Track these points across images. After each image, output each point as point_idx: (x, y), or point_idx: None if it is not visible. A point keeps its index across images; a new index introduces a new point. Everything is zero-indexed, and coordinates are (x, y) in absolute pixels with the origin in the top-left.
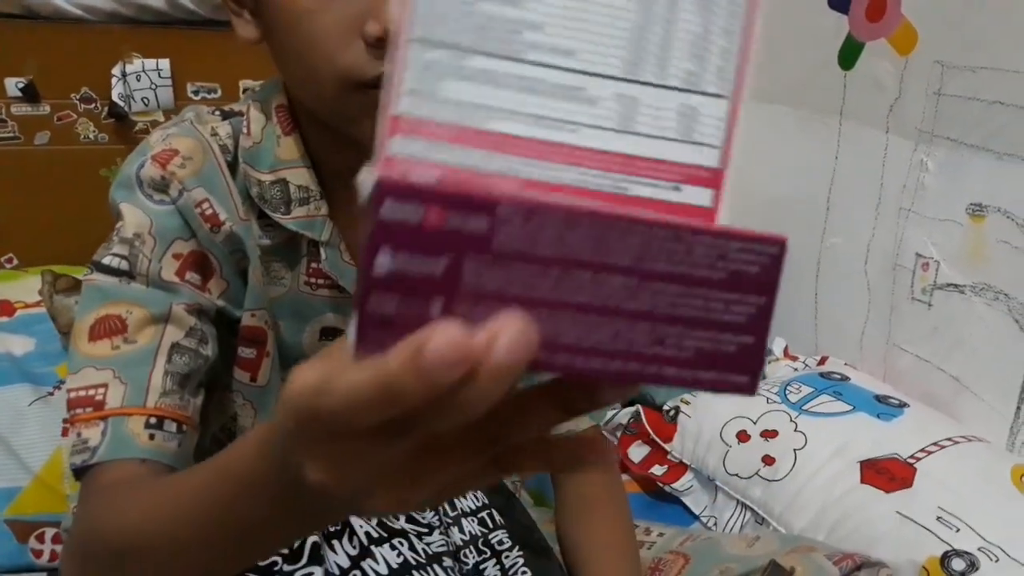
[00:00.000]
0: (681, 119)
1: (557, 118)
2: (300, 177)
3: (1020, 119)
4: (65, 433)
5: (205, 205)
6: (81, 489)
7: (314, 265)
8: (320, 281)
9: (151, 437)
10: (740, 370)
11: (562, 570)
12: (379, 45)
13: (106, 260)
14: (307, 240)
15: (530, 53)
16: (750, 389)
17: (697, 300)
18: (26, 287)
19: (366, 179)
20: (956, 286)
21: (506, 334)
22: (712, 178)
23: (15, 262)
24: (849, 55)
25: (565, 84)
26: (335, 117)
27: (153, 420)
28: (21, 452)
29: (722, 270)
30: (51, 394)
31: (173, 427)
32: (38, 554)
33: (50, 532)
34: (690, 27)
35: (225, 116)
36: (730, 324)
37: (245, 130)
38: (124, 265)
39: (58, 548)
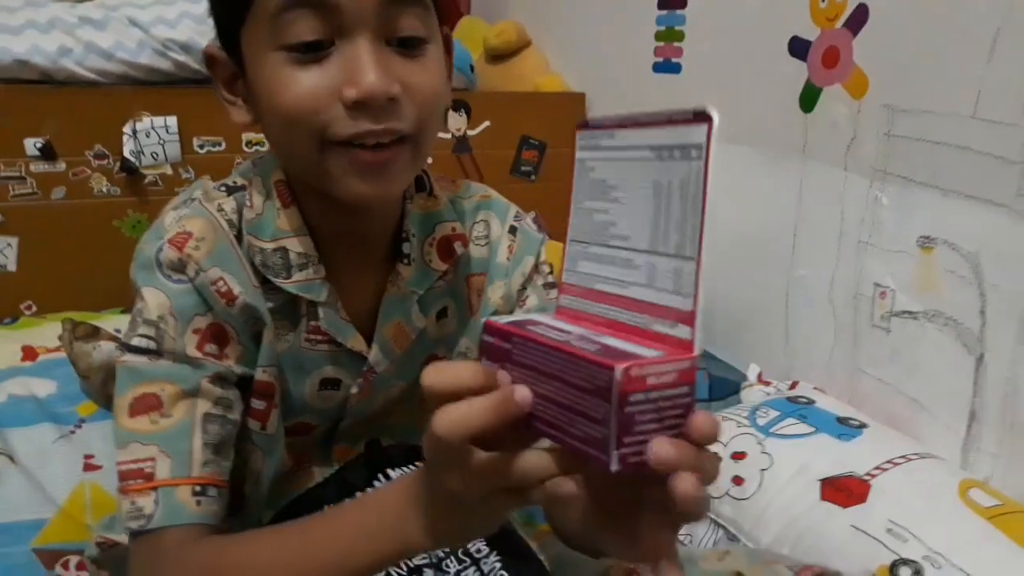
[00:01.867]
0: (674, 276)
1: (618, 279)
2: (299, 244)
3: (961, 158)
4: (87, 469)
5: (220, 283)
6: (136, 549)
7: (313, 323)
8: (319, 337)
9: (198, 503)
10: (601, 450)
11: (543, 570)
12: (355, 107)
13: (135, 341)
14: (306, 301)
15: (611, 240)
16: (607, 466)
17: (583, 401)
18: (46, 333)
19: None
20: (911, 313)
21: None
22: (689, 317)
23: (34, 309)
24: (809, 99)
25: (623, 257)
26: (321, 178)
27: (198, 488)
28: (46, 486)
29: (589, 383)
30: (72, 432)
31: (214, 492)
32: None
33: (74, 560)
34: (677, 212)
35: (230, 191)
36: (595, 418)
37: (248, 203)
38: (152, 345)
39: (82, 574)
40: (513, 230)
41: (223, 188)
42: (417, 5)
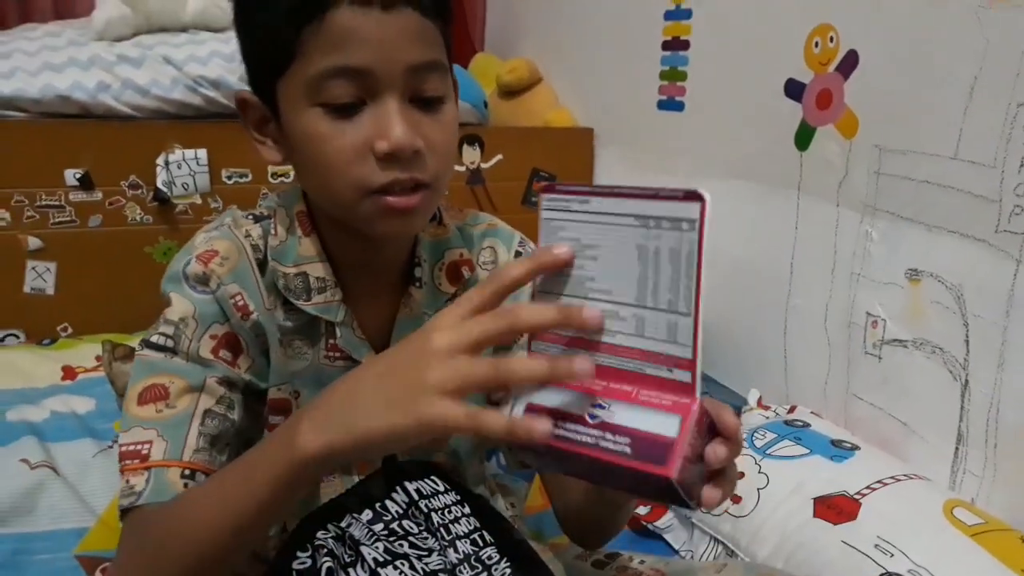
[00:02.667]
0: (668, 329)
1: (605, 329)
2: (318, 270)
3: (944, 196)
4: None
5: (238, 298)
6: (124, 527)
7: (331, 342)
8: (337, 355)
9: (185, 486)
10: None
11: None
12: (387, 159)
13: (154, 339)
14: (325, 322)
15: (590, 292)
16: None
17: (642, 485)
18: (84, 354)
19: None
20: (900, 341)
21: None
22: (690, 364)
23: (70, 331)
24: (803, 138)
25: (607, 309)
26: (352, 219)
27: (188, 472)
28: (87, 497)
29: (646, 483)
30: (110, 447)
31: (203, 479)
32: None
33: None
34: (668, 274)
35: (257, 220)
36: (655, 489)
37: (273, 231)
38: (169, 343)
39: None
40: (518, 255)
41: (251, 217)
42: (437, 70)
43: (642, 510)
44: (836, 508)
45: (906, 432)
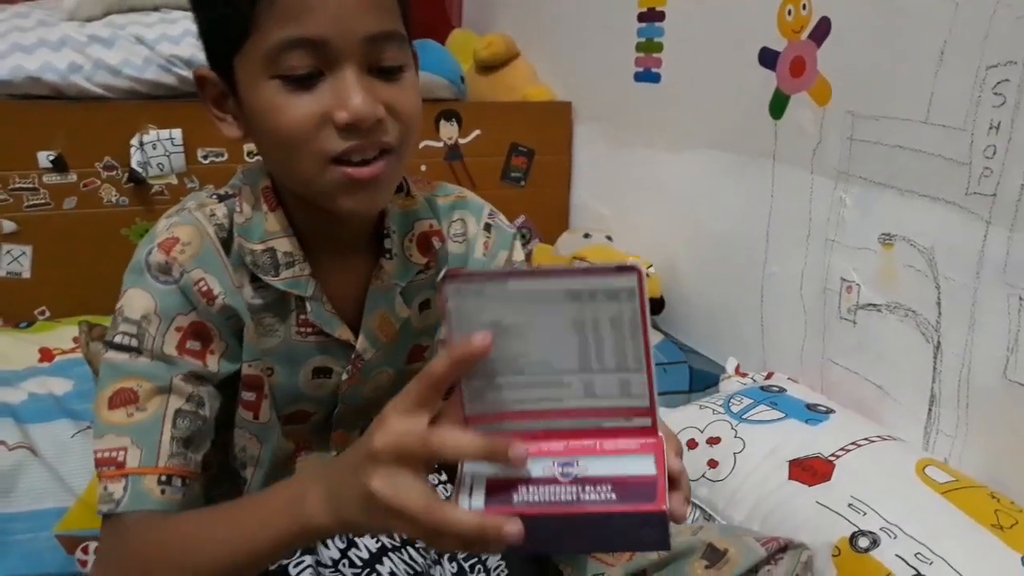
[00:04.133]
0: (620, 386)
1: (546, 397)
2: (285, 245)
3: (915, 160)
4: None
5: (202, 283)
6: (105, 530)
7: (302, 317)
8: (308, 330)
9: (163, 492)
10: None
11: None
12: (347, 129)
13: (117, 339)
14: (294, 296)
15: (527, 368)
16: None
17: (629, 532)
18: (61, 336)
19: None
20: (874, 305)
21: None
22: (648, 411)
23: (47, 314)
24: (778, 106)
25: (548, 380)
26: (314, 193)
27: (164, 478)
28: (66, 477)
29: (639, 525)
30: (89, 428)
31: (179, 483)
32: (83, 563)
33: (93, 545)
34: (611, 340)
35: (221, 199)
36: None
37: (238, 209)
38: (133, 343)
39: None
40: (488, 227)
41: (215, 196)
42: (394, 40)
43: None
44: (811, 470)
45: (880, 395)
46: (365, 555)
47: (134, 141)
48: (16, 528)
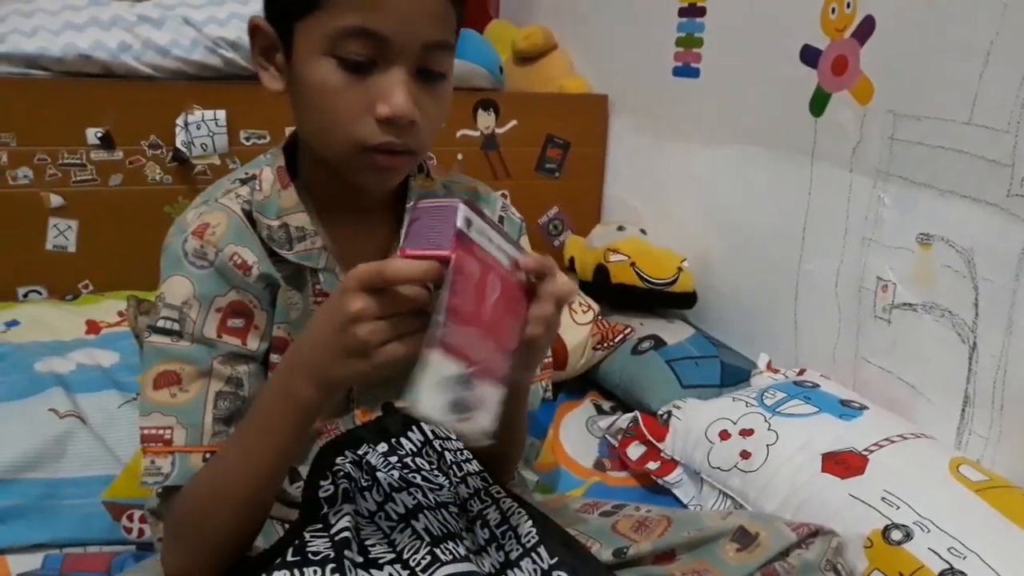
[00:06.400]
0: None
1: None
2: (297, 220)
3: (957, 161)
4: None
5: (236, 257)
6: (165, 516)
7: (318, 287)
8: (324, 300)
9: None
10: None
11: (547, 516)
12: (386, 121)
13: (160, 324)
14: (309, 269)
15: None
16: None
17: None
18: (107, 309)
19: None
20: (910, 305)
21: None
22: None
23: (91, 287)
24: (818, 104)
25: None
26: (339, 165)
27: (208, 455)
28: (114, 447)
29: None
30: (135, 399)
31: None
32: (128, 530)
33: (137, 513)
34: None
35: (244, 182)
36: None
37: (258, 187)
38: (175, 327)
39: (144, 527)
40: (500, 219)
41: (236, 181)
42: (446, 49)
43: (652, 465)
44: (844, 463)
45: (913, 394)
46: (401, 510)
47: (179, 121)
48: (65, 493)
